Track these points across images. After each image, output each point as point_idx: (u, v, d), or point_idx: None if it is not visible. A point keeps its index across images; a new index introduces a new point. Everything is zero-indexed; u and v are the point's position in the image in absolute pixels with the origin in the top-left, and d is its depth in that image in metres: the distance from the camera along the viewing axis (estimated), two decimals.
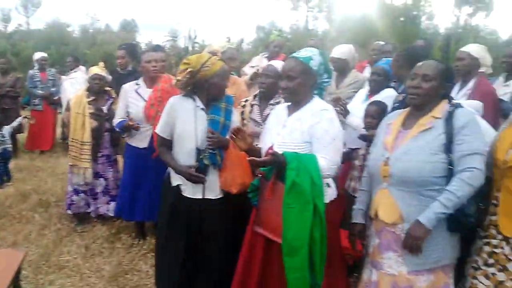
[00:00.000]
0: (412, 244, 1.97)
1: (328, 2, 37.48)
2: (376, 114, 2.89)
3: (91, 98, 4.09)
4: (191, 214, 2.61)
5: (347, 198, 2.94)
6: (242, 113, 3.26)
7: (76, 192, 4.14)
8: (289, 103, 2.38)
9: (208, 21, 71.02)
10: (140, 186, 3.67)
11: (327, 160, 2.15)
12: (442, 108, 2.06)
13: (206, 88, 2.57)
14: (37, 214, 4.41)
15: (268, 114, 2.75)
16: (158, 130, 2.69)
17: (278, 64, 3.01)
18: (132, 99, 3.69)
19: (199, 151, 2.55)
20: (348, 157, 3.07)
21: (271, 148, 2.22)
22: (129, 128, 3.63)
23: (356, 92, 3.86)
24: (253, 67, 5.03)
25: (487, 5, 36.12)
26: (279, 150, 2.18)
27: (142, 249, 3.70)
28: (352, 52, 4.30)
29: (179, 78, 2.56)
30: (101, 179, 4.20)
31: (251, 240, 2.38)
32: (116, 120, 3.79)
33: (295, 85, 2.23)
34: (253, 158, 2.17)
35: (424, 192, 2.00)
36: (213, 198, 2.61)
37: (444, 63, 2.19)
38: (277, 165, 2.13)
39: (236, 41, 16.01)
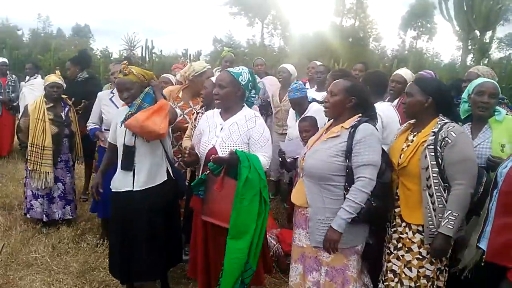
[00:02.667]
0: (330, 246, 2.41)
1: (283, 20, 38.74)
2: (308, 128, 3.39)
3: (50, 105, 4.24)
4: (122, 206, 2.96)
5: None
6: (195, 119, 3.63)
7: (35, 196, 4.27)
8: (220, 110, 2.81)
9: (165, 31, 70.55)
10: None
11: (266, 157, 2.66)
12: (352, 120, 2.50)
13: None
14: (1, 217, 4.52)
15: None
16: (110, 138, 3.11)
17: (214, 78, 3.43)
18: (106, 106, 4.01)
19: (126, 147, 2.90)
20: (295, 166, 3.52)
21: (213, 148, 2.65)
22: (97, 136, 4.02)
23: None
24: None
25: (430, 29, 38.83)
26: (220, 149, 2.64)
27: (107, 248, 3.84)
28: (294, 70, 5.27)
29: None
30: (59, 183, 4.34)
31: (195, 228, 2.81)
32: (89, 125, 4.10)
33: (224, 93, 2.67)
34: (218, 156, 2.58)
35: (324, 185, 2.46)
36: (143, 188, 2.92)
37: (352, 81, 2.62)
38: (230, 162, 2.55)
39: (194, 53, 16.25)
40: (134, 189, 2.91)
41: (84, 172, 5.54)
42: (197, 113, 3.61)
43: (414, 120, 2.59)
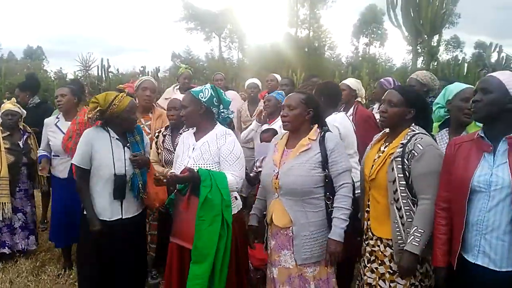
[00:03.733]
0: (335, 258, 2.44)
1: (239, 33, 39.10)
2: (268, 139, 3.42)
3: (6, 133, 4.11)
4: (107, 235, 2.82)
5: None
6: (156, 142, 3.60)
7: None
8: (194, 130, 2.79)
9: (122, 49, 69.39)
10: (72, 213, 3.67)
11: (235, 176, 2.58)
12: (315, 131, 2.56)
13: (118, 123, 2.89)
14: None
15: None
16: (76, 161, 2.86)
17: (180, 97, 3.42)
18: (52, 132, 3.87)
19: (116, 177, 2.81)
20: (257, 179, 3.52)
21: (185, 170, 2.56)
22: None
23: None
24: (166, 99, 5.37)
25: (381, 36, 40.36)
26: None
27: (70, 279, 3.76)
28: (260, 85, 5.38)
29: (89, 116, 2.83)
30: (20, 213, 4.19)
31: (170, 249, 2.72)
32: (39, 152, 3.97)
33: (187, 112, 2.68)
34: (174, 173, 2.52)
35: (306, 200, 2.47)
36: (130, 216, 2.91)
37: (305, 93, 2.69)
38: (192, 181, 2.49)
39: (152, 70, 16.01)
40: (123, 217, 2.87)
41: (41, 200, 5.29)
42: (164, 136, 3.57)
43: (388, 129, 2.52)
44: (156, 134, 3.68)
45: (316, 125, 2.60)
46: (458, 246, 2.04)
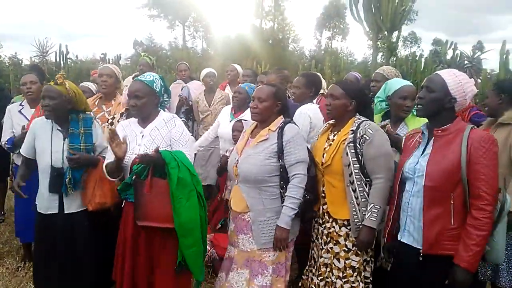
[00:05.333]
0: (281, 244, 2.55)
1: (204, 23, 38.62)
2: (241, 128, 3.48)
3: None
4: (53, 229, 2.79)
5: (225, 205, 3.44)
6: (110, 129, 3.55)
7: None
8: (137, 119, 2.76)
9: (81, 34, 66.81)
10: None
11: (189, 156, 2.62)
12: (277, 122, 2.65)
13: None
14: None
15: None
16: (22, 149, 2.89)
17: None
18: (16, 119, 3.74)
19: (52, 169, 2.77)
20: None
21: (137, 157, 2.54)
22: (21, 139, 3.55)
23: (224, 107, 4.58)
24: (126, 86, 5.29)
25: (343, 30, 41.08)
26: None
27: (30, 271, 3.61)
28: (216, 75, 5.38)
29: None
30: None
31: (124, 232, 2.67)
32: (4, 139, 3.76)
33: (142, 103, 2.60)
34: (141, 154, 2.48)
35: (262, 188, 2.57)
36: (74, 211, 2.83)
37: (275, 86, 2.79)
38: (156, 161, 2.50)
39: (113, 57, 15.62)
40: (65, 212, 2.80)
41: None
42: (119, 122, 3.52)
43: (334, 120, 2.71)
44: (111, 120, 3.62)
45: (281, 116, 2.69)
46: (389, 224, 2.34)
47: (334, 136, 2.65)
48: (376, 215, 2.40)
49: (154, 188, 2.51)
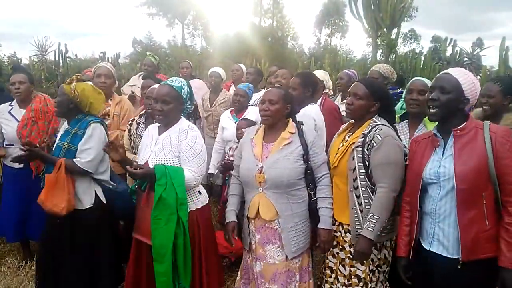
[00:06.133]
0: (326, 246, 2.54)
1: (203, 21, 38.55)
2: (245, 126, 3.45)
3: None
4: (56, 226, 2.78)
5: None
6: (129, 130, 3.59)
7: None
8: (160, 124, 2.70)
9: (80, 33, 66.69)
10: (27, 206, 3.61)
11: (193, 173, 2.51)
12: (292, 125, 2.62)
13: None
14: None
15: None
16: None
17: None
18: (5, 119, 3.72)
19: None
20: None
21: (146, 163, 2.55)
22: None
23: (227, 109, 4.50)
24: (131, 86, 5.30)
25: (342, 27, 41.01)
26: (152, 164, 2.53)
27: (31, 270, 3.65)
28: (224, 74, 5.32)
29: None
30: None
31: (136, 246, 2.67)
32: None
33: (169, 109, 2.54)
34: (131, 170, 2.38)
35: (290, 192, 2.52)
36: (79, 209, 2.77)
37: (283, 89, 2.76)
38: (143, 178, 2.47)
39: (112, 55, 15.59)
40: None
41: None
42: (138, 123, 3.57)
43: (353, 120, 2.59)
44: (130, 122, 3.66)
45: (291, 119, 2.66)
46: (413, 236, 2.16)
47: (349, 137, 2.56)
48: (374, 225, 2.26)
49: (150, 203, 2.44)
